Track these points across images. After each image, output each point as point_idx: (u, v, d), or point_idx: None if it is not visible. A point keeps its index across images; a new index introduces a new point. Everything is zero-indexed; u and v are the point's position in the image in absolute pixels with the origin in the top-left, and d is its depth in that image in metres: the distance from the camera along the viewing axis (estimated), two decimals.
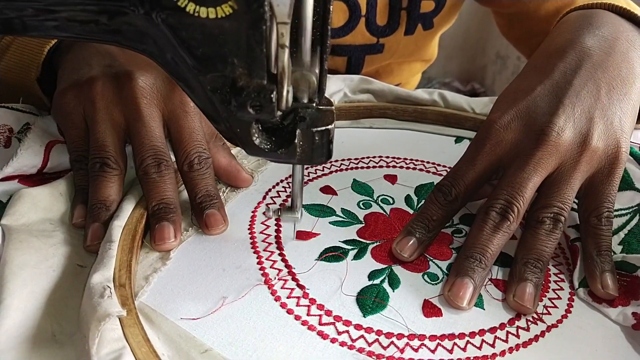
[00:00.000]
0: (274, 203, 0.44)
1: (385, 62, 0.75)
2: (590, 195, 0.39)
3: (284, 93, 0.28)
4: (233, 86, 0.28)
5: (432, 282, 0.37)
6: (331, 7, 0.29)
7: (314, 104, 0.31)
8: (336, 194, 0.45)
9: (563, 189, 0.37)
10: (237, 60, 0.27)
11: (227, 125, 0.30)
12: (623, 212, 0.41)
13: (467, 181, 0.39)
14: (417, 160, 0.51)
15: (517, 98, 0.40)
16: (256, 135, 0.31)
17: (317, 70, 0.29)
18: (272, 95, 0.27)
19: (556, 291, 0.37)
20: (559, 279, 0.38)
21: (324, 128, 0.31)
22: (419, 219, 0.39)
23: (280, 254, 0.38)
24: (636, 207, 0.41)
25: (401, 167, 0.50)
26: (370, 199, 0.45)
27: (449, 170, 0.49)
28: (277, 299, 0.34)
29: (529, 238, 0.37)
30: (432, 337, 0.33)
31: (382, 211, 0.43)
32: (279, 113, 0.29)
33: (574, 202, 0.40)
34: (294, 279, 0.36)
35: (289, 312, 0.33)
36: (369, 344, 0.32)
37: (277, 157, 0.32)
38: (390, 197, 0.45)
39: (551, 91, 0.40)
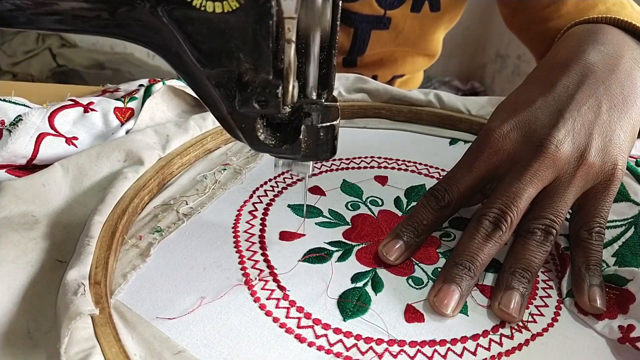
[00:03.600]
0: (261, 202, 0.43)
1: (389, 48, 0.75)
2: (583, 209, 0.38)
3: (290, 88, 0.28)
4: (239, 81, 0.28)
5: (417, 287, 0.36)
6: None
7: (322, 100, 0.31)
8: (324, 195, 0.45)
9: (557, 202, 0.37)
10: (243, 55, 0.27)
11: (231, 121, 0.30)
12: (618, 223, 0.40)
13: (462, 188, 0.39)
14: (409, 162, 0.50)
15: (517, 109, 0.40)
16: (261, 130, 0.31)
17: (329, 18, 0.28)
18: (277, 91, 0.27)
19: (543, 298, 0.36)
20: (547, 286, 0.37)
21: (329, 124, 0.31)
22: (408, 222, 0.38)
23: (263, 254, 0.37)
24: (631, 219, 0.40)
25: (392, 168, 0.49)
26: (359, 200, 0.44)
27: (441, 172, 0.49)
28: (257, 300, 0.34)
29: (518, 248, 0.37)
30: (413, 343, 0.32)
31: (370, 213, 0.43)
32: (288, 109, 0.29)
33: (568, 214, 0.39)
34: (275, 280, 0.35)
35: (268, 314, 0.33)
36: (347, 349, 0.31)
37: (282, 153, 0.32)
38: (380, 198, 0.45)
39: (552, 104, 0.40)
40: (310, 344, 0.31)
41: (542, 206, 0.37)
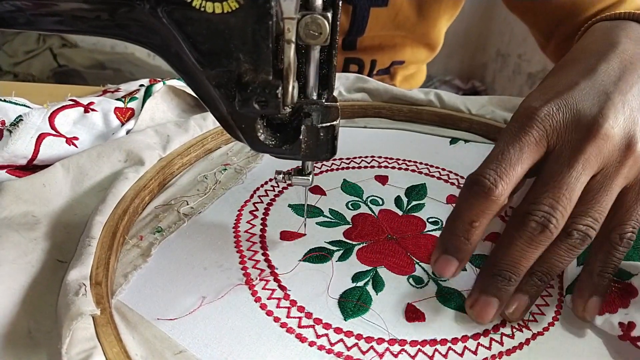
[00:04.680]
0: (262, 202, 0.43)
1: (388, 30, 0.75)
2: (620, 208, 0.34)
3: (290, 89, 0.28)
4: (238, 82, 0.28)
5: (417, 286, 0.36)
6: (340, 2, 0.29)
7: (322, 100, 0.31)
8: (325, 194, 0.45)
9: (601, 198, 0.32)
10: (242, 56, 0.27)
11: (231, 121, 0.30)
12: None
13: (518, 172, 0.32)
14: (409, 161, 0.50)
15: (559, 90, 0.36)
16: (261, 131, 0.31)
17: (329, 14, 0.27)
18: (277, 91, 0.27)
19: (544, 297, 0.36)
20: (549, 285, 0.37)
21: (329, 124, 0.31)
22: (453, 227, 0.33)
23: (264, 254, 0.37)
24: None
25: (393, 167, 0.49)
26: (360, 199, 0.44)
27: (442, 172, 0.49)
28: (257, 299, 0.34)
29: (547, 248, 0.32)
30: (413, 343, 0.32)
31: (370, 212, 0.43)
32: (288, 109, 0.29)
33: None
34: (276, 280, 0.35)
35: (269, 313, 0.33)
36: (348, 349, 0.31)
37: (282, 153, 0.32)
38: (380, 198, 0.45)
39: (598, 86, 0.36)
40: (311, 344, 0.31)
41: (584, 202, 0.32)
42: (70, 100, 0.48)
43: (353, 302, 0.34)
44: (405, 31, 0.77)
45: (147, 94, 0.51)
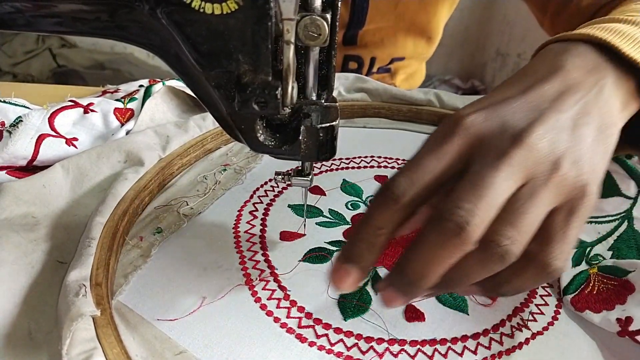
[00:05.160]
0: (261, 202, 0.43)
1: (388, 22, 0.74)
2: (546, 232, 0.30)
3: (289, 89, 0.28)
4: (238, 82, 0.28)
5: None
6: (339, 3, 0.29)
7: (322, 100, 0.31)
8: (325, 194, 0.45)
9: (529, 211, 0.29)
10: (242, 57, 0.27)
11: (230, 121, 0.30)
12: (611, 218, 0.40)
13: (428, 179, 0.30)
14: None
15: (491, 103, 0.34)
16: (260, 131, 0.31)
17: (328, 16, 0.27)
18: (276, 92, 0.27)
19: (544, 297, 0.36)
20: (547, 285, 0.37)
21: (328, 125, 0.31)
22: (359, 234, 0.30)
23: (264, 254, 0.37)
24: (624, 213, 0.40)
25: (392, 167, 0.49)
26: (359, 199, 0.44)
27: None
28: (257, 300, 0.34)
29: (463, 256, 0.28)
30: (413, 343, 0.32)
31: None
32: (288, 110, 0.29)
33: None
34: (276, 280, 0.35)
35: (269, 314, 0.33)
36: (348, 349, 0.31)
37: (281, 154, 0.32)
38: None
39: (532, 103, 0.34)
40: (311, 344, 0.31)
41: (509, 212, 0.29)
42: (69, 101, 0.48)
43: (353, 302, 0.34)
44: (406, 22, 0.77)
45: (147, 94, 0.51)
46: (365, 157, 0.50)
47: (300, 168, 0.35)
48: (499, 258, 0.28)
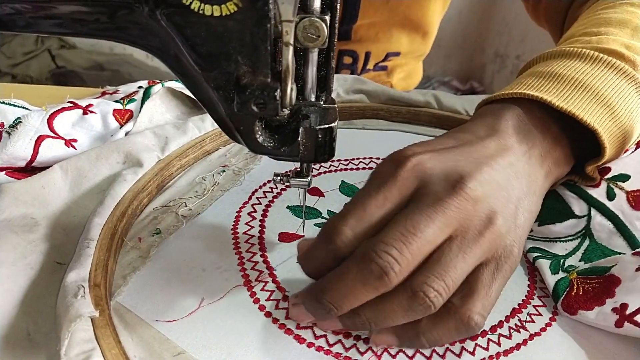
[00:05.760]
0: (260, 204, 0.43)
1: (382, 15, 0.75)
2: (472, 285, 0.30)
3: (288, 91, 0.28)
4: (237, 84, 0.28)
5: None
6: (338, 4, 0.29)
7: (321, 102, 0.31)
8: (323, 196, 0.45)
9: (458, 263, 0.29)
10: (241, 58, 0.27)
11: (229, 123, 0.31)
12: (571, 237, 0.40)
13: (371, 221, 0.30)
14: None
15: (435, 148, 0.34)
16: (259, 132, 0.31)
17: (327, 17, 0.27)
18: (275, 93, 0.28)
19: (541, 298, 0.36)
20: (545, 286, 0.37)
21: (327, 126, 0.31)
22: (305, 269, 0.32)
23: (262, 255, 0.38)
24: (583, 231, 0.40)
25: None
26: None
27: None
28: (256, 301, 0.34)
29: (385, 297, 0.29)
30: None
31: None
32: (287, 111, 0.29)
33: None
34: (275, 281, 0.35)
35: (267, 315, 0.33)
36: (346, 349, 0.31)
37: (280, 155, 0.32)
38: None
39: (472, 155, 0.34)
40: (310, 345, 0.31)
41: (438, 261, 0.29)
42: (69, 102, 0.48)
43: None
44: (399, 16, 0.77)
45: (146, 95, 0.51)
46: (364, 158, 0.51)
47: (299, 169, 0.35)
48: (424, 308, 0.29)
